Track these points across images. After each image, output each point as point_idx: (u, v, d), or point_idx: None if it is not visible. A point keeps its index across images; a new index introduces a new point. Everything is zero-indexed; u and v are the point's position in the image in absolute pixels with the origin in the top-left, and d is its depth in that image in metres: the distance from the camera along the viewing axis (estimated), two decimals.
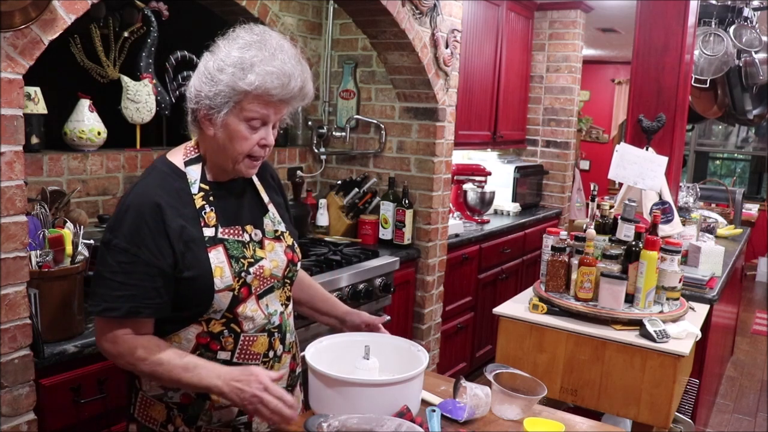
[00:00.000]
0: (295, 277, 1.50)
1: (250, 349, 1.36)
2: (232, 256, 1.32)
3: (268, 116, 1.30)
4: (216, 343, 1.33)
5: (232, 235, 1.35)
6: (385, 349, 1.45)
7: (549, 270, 2.33)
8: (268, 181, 1.52)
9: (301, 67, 1.30)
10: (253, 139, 1.30)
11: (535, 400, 1.47)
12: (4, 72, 1.43)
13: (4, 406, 1.51)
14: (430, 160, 3.16)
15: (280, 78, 1.25)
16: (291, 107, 1.34)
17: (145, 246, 1.25)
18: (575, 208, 5.26)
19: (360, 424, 1.20)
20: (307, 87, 1.31)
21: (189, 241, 1.29)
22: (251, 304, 1.35)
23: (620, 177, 2.77)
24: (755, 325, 5.66)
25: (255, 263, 1.36)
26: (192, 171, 1.35)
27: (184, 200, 1.32)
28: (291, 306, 1.51)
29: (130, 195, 1.31)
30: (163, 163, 1.37)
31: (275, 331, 1.40)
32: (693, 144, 8.39)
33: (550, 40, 4.95)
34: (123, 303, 1.25)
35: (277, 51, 1.28)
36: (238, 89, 1.26)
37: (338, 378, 1.29)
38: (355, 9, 2.78)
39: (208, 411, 1.35)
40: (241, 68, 1.25)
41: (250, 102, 1.27)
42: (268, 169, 1.55)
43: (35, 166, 2.18)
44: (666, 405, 2.06)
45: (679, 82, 3.00)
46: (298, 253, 1.49)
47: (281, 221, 1.48)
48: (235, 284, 1.31)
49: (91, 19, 2.37)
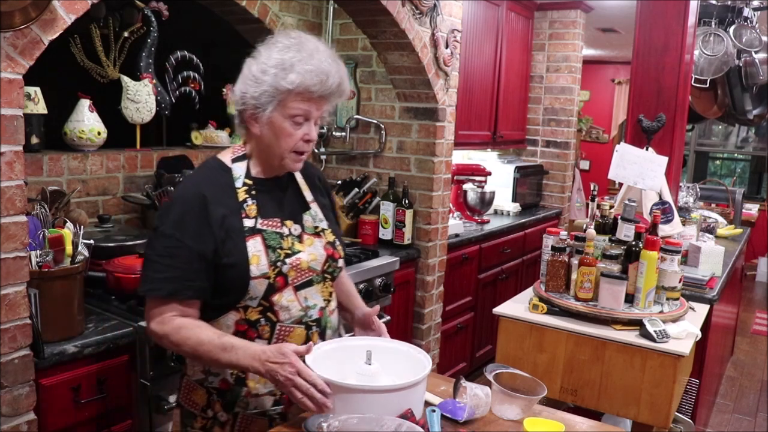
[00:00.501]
0: (336, 273, 1.56)
1: (287, 339, 1.43)
2: (269, 246, 1.41)
3: (309, 112, 1.40)
4: (253, 330, 1.42)
5: (271, 226, 1.44)
6: (387, 353, 1.45)
7: (549, 270, 2.33)
8: (315, 184, 1.62)
9: (337, 65, 1.40)
10: (297, 134, 1.40)
11: (535, 400, 1.47)
12: (4, 72, 1.43)
13: (4, 406, 1.51)
14: (430, 160, 3.16)
15: (319, 75, 1.36)
16: (330, 104, 1.43)
17: (188, 232, 1.36)
18: (575, 208, 5.26)
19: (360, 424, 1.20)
20: (344, 84, 1.42)
21: (229, 230, 1.39)
22: (288, 294, 1.43)
23: (620, 177, 2.77)
24: (755, 325, 5.66)
25: (292, 255, 1.44)
26: (237, 167, 1.46)
27: (228, 193, 1.43)
28: (334, 303, 1.57)
29: (179, 187, 1.50)
30: (213, 161, 1.50)
31: (313, 324, 1.47)
32: (693, 144, 8.39)
33: (550, 40, 4.95)
34: (166, 284, 1.36)
35: (314, 51, 1.38)
36: (281, 88, 1.36)
37: (341, 384, 1.28)
38: (355, 9, 2.78)
39: (244, 398, 1.43)
40: (283, 68, 1.36)
41: (292, 100, 1.37)
42: (317, 173, 1.66)
43: (35, 166, 2.18)
44: (666, 405, 2.06)
45: (679, 82, 3.00)
46: (339, 250, 1.56)
47: (323, 219, 1.56)
48: (270, 272, 1.40)
49: (91, 19, 2.37)
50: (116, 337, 1.78)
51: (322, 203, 1.60)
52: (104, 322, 1.86)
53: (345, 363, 1.40)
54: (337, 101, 1.44)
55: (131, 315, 1.91)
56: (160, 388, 1.88)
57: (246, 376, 1.43)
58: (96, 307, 1.97)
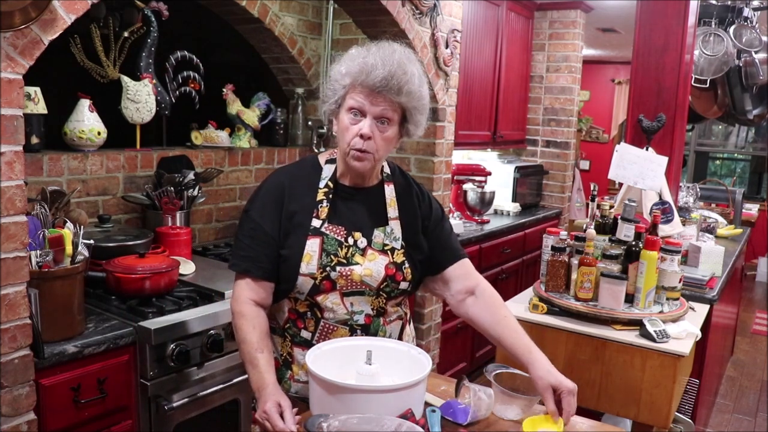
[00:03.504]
0: (394, 294, 1.53)
1: (330, 336, 1.50)
2: (325, 249, 1.47)
3: (363, 105, 1.41)
4: (301, 321, 1.52)
5: (334, 233, 1.49)
6: (387, 353, 1.45)
7: (549, 270, 2.33)
8: (415, 205, 1.59)
9: (392, 61, 1.39)
10: (353, 129, 1.43)
11: (535, 400, 1.47)
12: (4, 72, 1.43)
13: (4, 406, 1.51)
14: (430, 160, 3.16)
15: (361, 66, 1.40)
16: (388, 102, 1.41)
17: (266, 217, 1.48)
18: (575, 208, 5.26)
19: (360, 423, 1.20)
20: (397, 81, 1.39)
21: (296, 226, 1.48)
22: (333, 298, 1.48)
23: (620, 177, 2.77)
24: (755, 325, 5.67)
25: (347, 265, 1.48)
26: (327, 168, 1.54)
27: (309, 190, 1.51)
28: (393, 316, 1.57)
29: (271, 174, 1.58)
30: (310, 157, 1.60)
31: (358, 328, 1.51)
32: (693, 144, 8.39)
33: (550, 40, 4.95)
34: (243, 261, 1.49)
35: (374, 48, 1.43)
36: (337, 83, 1.45)
37: (341, 384, 1.28)
38: (355, 9, 2.78)
39: (288, 380, 1.54)
40: (339, 64, 1.46)
41: (349, 94, 1.43)
42: (428, 197, 1.64)
43: (35, 166, 2.18)
44: (666, 405, 2.06)
45: (679, 82, 3.00)
46: (405, 273, 1.53)
47: (398, 238, 1.54)
48: (317, 274, 1.46)
49: (91, 19, 2.37)
50: (116, 337, 1.78)
51: (411, 225, 1.56)
52: (104, 322, 1.86)
53: (345, 363, 1.40)
54: (400, 100, 1.41)
55: (131, 315, 1.91)
56: (160, 388, 1.88)
57: (292, 360, 1.53)
58: (96, 307, 1.97)
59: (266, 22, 2.94)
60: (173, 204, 2.50)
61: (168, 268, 2.06)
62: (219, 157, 2.87)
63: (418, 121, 1.48)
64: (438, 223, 1.62)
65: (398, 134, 1.49)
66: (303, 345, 1.51)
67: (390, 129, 1.44)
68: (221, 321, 2.01)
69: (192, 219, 2.68)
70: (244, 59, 3.27)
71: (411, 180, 1.64)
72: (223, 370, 2.06)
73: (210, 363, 2.02)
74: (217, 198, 2.88)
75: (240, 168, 2.97)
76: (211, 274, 2.34)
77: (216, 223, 2.91)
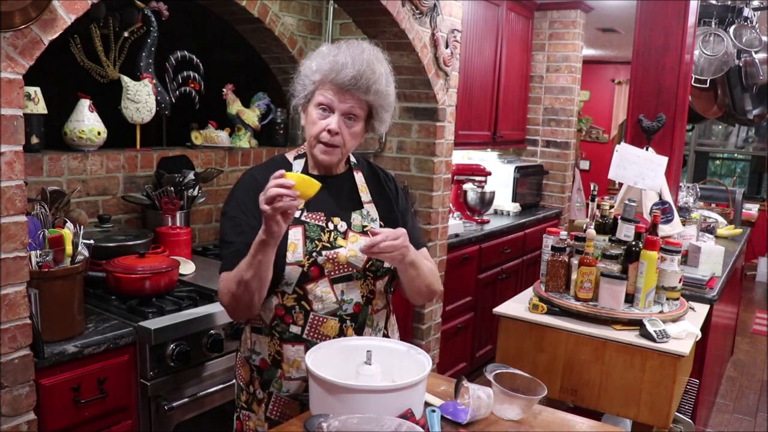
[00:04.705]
0: (380, 273, 1.55)
1: (320, 329, 1.50)
2: (308, 236, 1.49)
3: (332, 102, 1.46)
4: (289, 316, 1.50)
5: (314, 219, 1.51)
6: (387, 353, 1.45)
7: (549, 270, 2.33)
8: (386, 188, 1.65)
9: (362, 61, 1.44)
10: (321, 124, 1.48)
11: (535, 400, 1.47)
12: (4, 72, 1.43)
13: (4, 406, 1.51)
14: (430, 160, 3.16)
15: (332, 64, 1.44)
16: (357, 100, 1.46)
17: (247, 211, 1.49)
18: (575, 208, 5.26)
19: (360, 423, 1.20)
20: (366, 80, 1.44)
21: None
22: (323, 285, 1.49)
23: (620, 177, 2.77)
24: (755, 325, 5.67)
25: (331, 249, 1.49)
26: (297, 164, 1.57)
27: None
28: (380, 304, 1.58)
29: (241, 176, 1.59)
30: (278, 156, 1.64)
31: (347, 318, 1.51)
32: (693, 144, 8.39)
33: (550, 40, 4.95)
34: (233, 258, 1.45)
35: (344, 47, 1.47)
36: (307, 77, 1.49)
37: (341, 384, 1.28)
38: (355, 9, 2.78)
39: (279, 379, 1.52)
40: (309, 59, 1.50)
41: (318, 90, 1.47)
42: (394, 181, 1.71)
43: (35, 166, 2.18)
44: (666, 405, 2.06)
45: (679, 82, 3.00)
46: None
47: (375, 219, 1.59)
48: (304, 261, 1.47)
49: (91, 19, 2.37)
50: (116, 337, 1.78)
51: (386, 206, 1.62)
52: (104, 322, 1.86)
53: (345, 363, 1.40)
54: (368, 99, 1.47)
55: (131, 315, 1.91)
56: (160, 388, 1.88)
57: (281, 359, 1.51)
58: (96, 307, 1.97)
59: (266, 22, 2.94)
60: (173, 204, 2.50)
61: (168, 268, 2.06)
62: (219, 157, 2.87)
63: (383, 119, 1.54)
64: (405, 209, 1.68)
65: (364, 129, 1.55)
66: (292, 341, 1.50)
67: (357, 125, 1.50)
68: (221, 321, 2.01)
69: (192, 219, 2.68)
70: (244, 59, 3.27)
71: (376, 167, 1.70)
72: (223, 370, 2.05)
73: (210, 363, 2.02)
74: (217, 198, 2.88)
75: (240, 168, 2.97)
76: (211, 274, 2.34)
77: (216, 223, 2.91)
